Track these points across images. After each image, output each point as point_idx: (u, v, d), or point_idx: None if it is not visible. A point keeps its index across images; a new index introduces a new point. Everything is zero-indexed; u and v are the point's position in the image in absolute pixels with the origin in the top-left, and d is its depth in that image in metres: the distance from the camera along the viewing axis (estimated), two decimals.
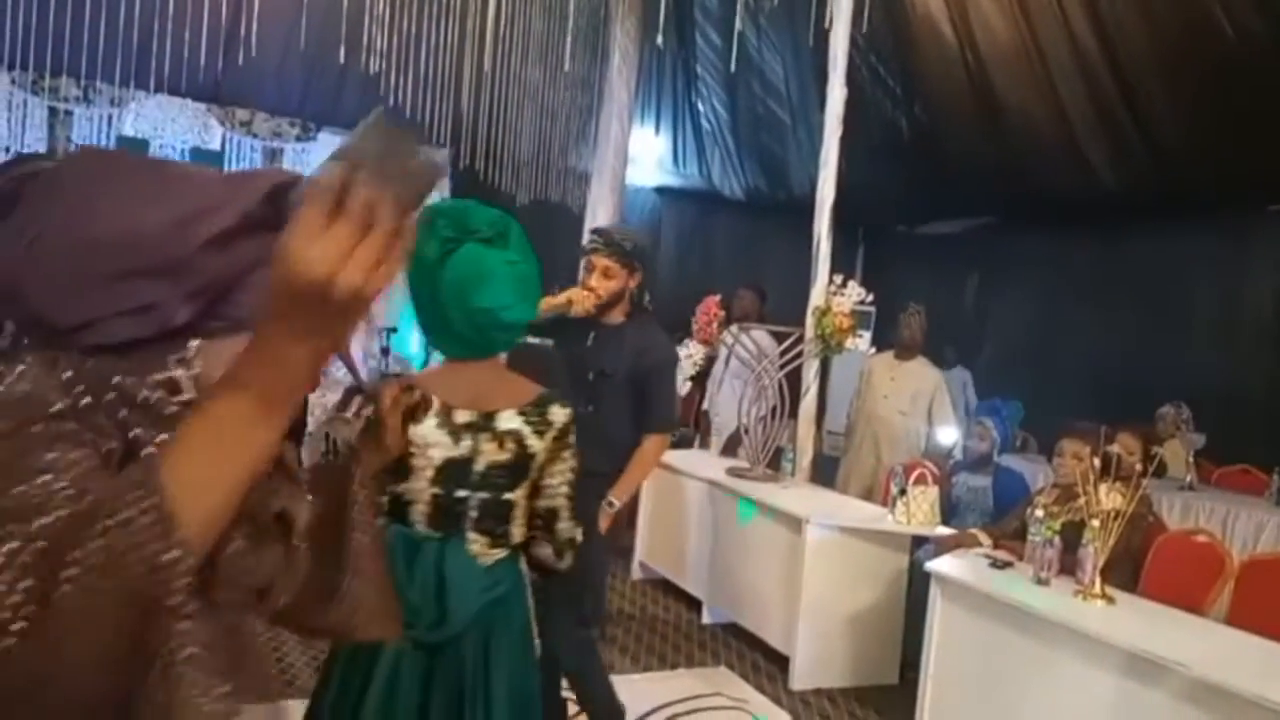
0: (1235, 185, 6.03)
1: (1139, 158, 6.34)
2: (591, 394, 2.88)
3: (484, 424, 1.86)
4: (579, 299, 2.91)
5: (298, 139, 8.20)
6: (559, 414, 1.91)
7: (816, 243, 4.94)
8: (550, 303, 2.86)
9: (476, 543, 1.86)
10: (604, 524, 2.87)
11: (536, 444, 1.88)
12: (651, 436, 3.02)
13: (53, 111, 7.31)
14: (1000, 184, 7.26)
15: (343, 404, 4.54)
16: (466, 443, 1.86)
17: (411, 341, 6.73)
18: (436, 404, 1.86)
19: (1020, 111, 6.54)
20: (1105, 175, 6.67)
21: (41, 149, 7.37)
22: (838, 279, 4.74)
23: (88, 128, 7.42)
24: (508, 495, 1.88)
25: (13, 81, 7.05)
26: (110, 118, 7.46)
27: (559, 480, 1.92)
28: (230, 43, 5.37)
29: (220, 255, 0.78)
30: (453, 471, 1.85)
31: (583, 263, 3.01)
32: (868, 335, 5.61)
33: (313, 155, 8.24)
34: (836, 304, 4.65)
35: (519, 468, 1.88)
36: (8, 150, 7.24)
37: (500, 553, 1.89)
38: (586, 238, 3.04)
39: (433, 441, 1.84)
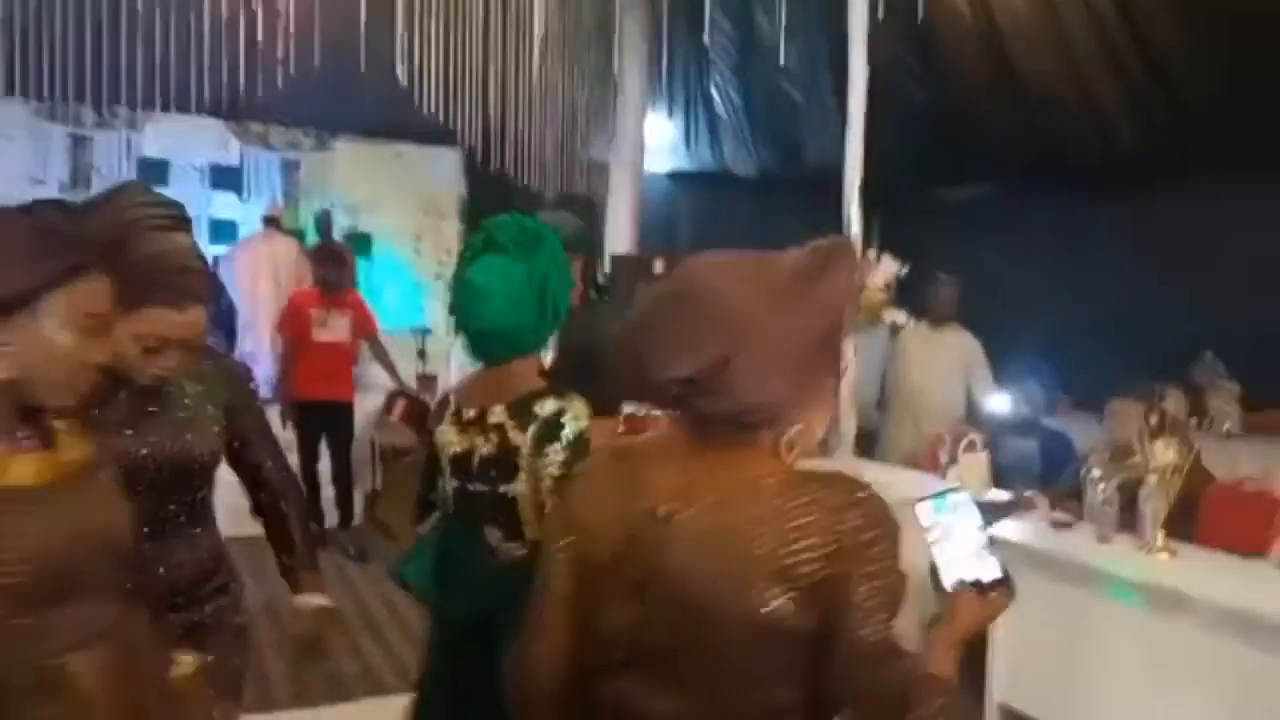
0: (1261, 136, 6.05)
1: (1158, 113, 6.37)
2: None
3: (478, 419, 1.93)
4: None
5: (313, 149, 8.27)
6: (546, 407, 1.88)
7: (846, 220, 4.98)
8: None
9: (493, 535, 1.92)
10: None
11: (519, 437, 1.88)
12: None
13: (74, 139, 7.40)
14: (1015, 146, 7.29)
15: (387, 408, 4.70)
16: (467, 438, 1.95)
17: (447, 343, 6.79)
18: (452, 404, 2.01)
19: (1034, 70, 6.57)
20: (1123, 132, 6.70)
21: (65, 176, 7.45)
22: (871, 254, 4.78)
23: (108, 151, 7.50)
24: (504, 488, 1.89)
25: (33, 112, 7.13)
26: (129, 140, 7.54)
27: (545, 475, 1.86)
28: (245, 59, 5.40)
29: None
30: (461, 466, 1.95)
31: None
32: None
33: (329, 165, 8.32)
34: (870, 280, 4.70)
35: (505, 461, 1.89)
36: (32, 179, 7.33)
37: (516, 546, 1.90)
38: None
39: (447, 440, 1.98)
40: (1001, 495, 3.96)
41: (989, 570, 1.21)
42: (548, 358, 2.60)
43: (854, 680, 1.06)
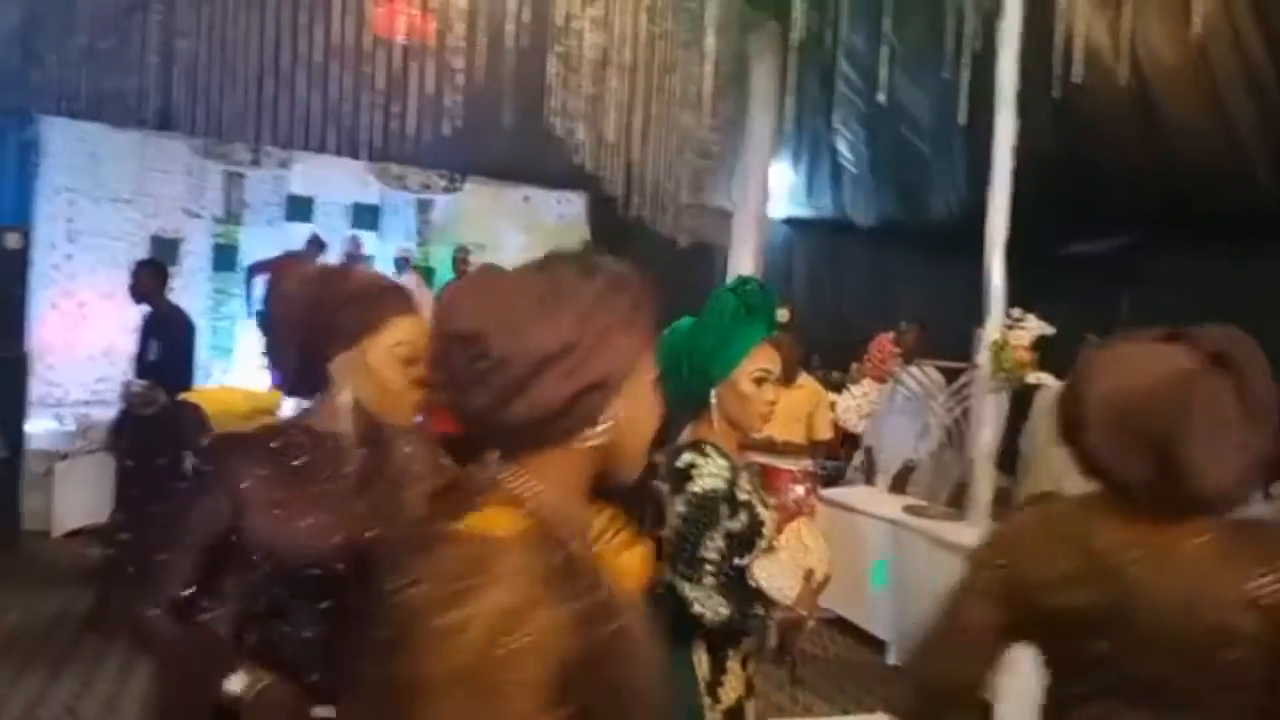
0: None
1: None
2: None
3: None
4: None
5: (445, 190, 8.57)
6: (684, 458, 1.98)
7: (987, 275, 4.88)
8: None
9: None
10: None
11: (665, 485, 1.97)
12: None
13: (227, 175, 7.84)
14: (1157, 197, 7.04)
15: None
16: None
17: None
18: None
19: (1179, 117, 6.36)
20: (1271, 182, 6.42)
21: (219, 211, 7.89)
22: (1015, 312, 4.66)
23: (259, 188, 7.92)
24: (664, 531, 1.97)
25: (191, 148, 7.59)
26: (279, 178, 7.95)
27: (670, 525, 1.96)
28: (418, 107, 5.64)
29: None
30: None
31: None
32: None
33: (459, 205, 8.60)
34: (1014, 337, 4.58)
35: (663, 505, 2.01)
36: (188, 212, 7.79)
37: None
38: None
39: None
40: None
41: None
42: None
43: None
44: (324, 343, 1.47)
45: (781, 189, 8.79)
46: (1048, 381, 4.62)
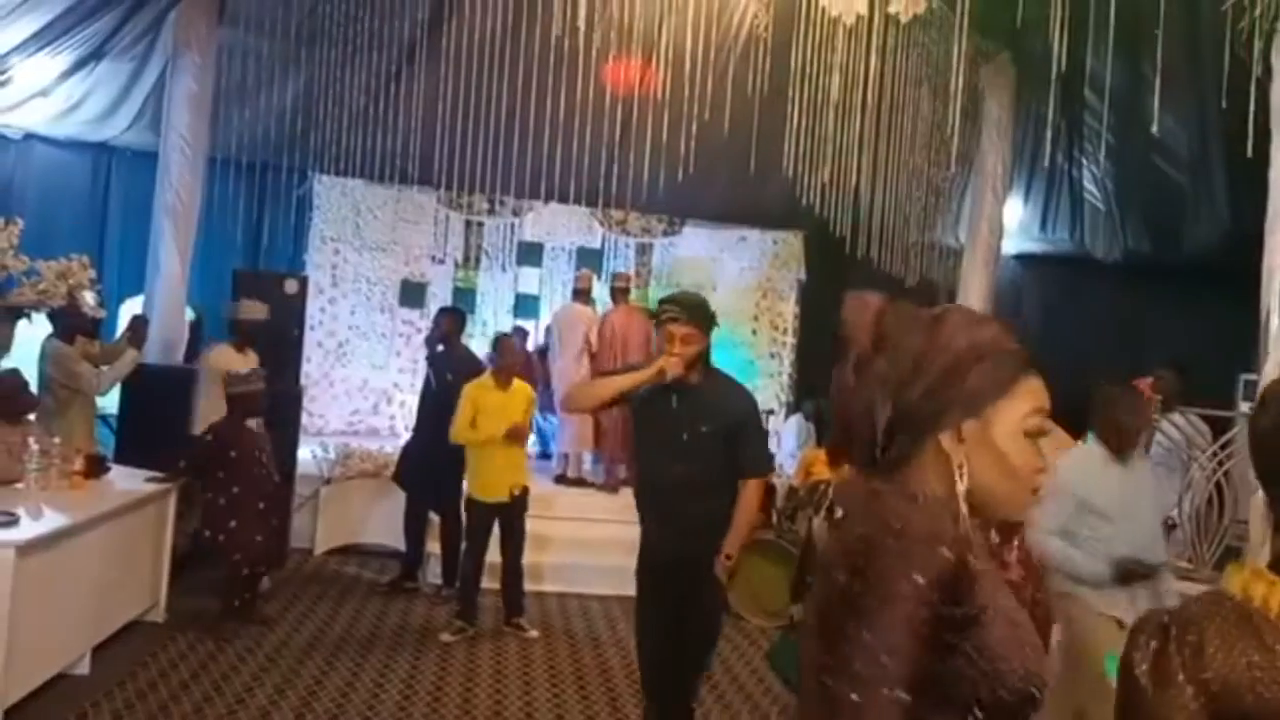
0: None
1: None
2: (687, 453, 3.11)
3: None
4: (670, 366, 3.10)
5: (664, 234, 8.80)
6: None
7: (1265, 312, 4.42)
8: (641, 377, 3.15)
9: None
10: (720, 571, 3.12)
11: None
12: (749, 481, 3.19)
13: (468, 224, 8.46)
14: None
15: None
16: None
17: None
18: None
19: None
20: None
21: (459, 256, 8.50)
22: None
23: (495, 235, 8.51)
24: None
25: (438, 200, 8.25)
26: (513, 226, 8.49)
27: None
28: (612, 154, 5.87)
29: None
30: None
31: (659, 332, 3.24)
32: None
33: (677, 248, 8.81)
34: None
35: None
36: (434, 259, 8.45)
37: None
38: (661, 308, 3.27)
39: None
40: None
41: None
42: None
43: None
44: (937, 408, 1.10)
45: (1012, 224, 8.38)
46: None
